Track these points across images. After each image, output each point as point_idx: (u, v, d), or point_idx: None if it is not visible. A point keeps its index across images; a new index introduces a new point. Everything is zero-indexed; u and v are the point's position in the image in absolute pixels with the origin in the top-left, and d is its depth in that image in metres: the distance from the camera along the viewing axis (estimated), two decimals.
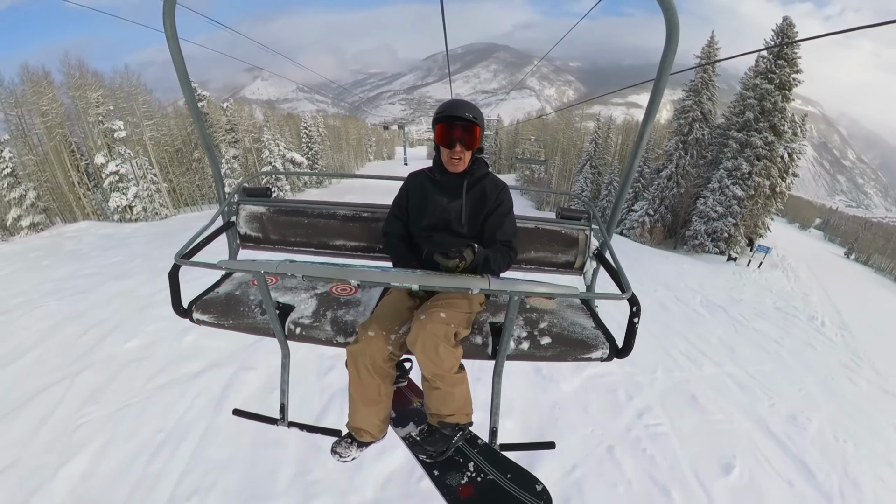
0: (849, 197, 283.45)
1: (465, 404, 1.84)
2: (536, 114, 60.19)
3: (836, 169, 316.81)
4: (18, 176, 19.36)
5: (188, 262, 1.67)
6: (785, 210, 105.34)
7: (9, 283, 10.82)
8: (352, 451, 1.87)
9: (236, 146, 27.31)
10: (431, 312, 1.74)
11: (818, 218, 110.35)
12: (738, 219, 21.41)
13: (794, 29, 19.32)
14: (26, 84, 19.93)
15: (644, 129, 1.72)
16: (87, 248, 14.88)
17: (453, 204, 1.99)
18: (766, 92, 19.99)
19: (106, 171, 20.01)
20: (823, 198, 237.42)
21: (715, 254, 22.02)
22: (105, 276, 11.17)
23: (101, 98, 20.36)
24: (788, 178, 21.81)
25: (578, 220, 2.43)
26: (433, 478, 1.90)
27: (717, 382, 8.29)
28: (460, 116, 1.84)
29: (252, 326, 1.98)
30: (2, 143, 18.78)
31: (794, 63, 19.74)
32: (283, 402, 2.07)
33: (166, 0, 1.56)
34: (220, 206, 2.31)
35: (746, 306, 14.67)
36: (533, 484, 1.86)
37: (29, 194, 19.33)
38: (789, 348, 11.50)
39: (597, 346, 1.92)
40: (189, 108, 1.95)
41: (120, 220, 20.32)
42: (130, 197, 19.98)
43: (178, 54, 1.70)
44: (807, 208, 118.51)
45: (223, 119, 27.16)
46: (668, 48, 1.43)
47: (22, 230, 19.00)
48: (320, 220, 2.46)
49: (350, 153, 52.38)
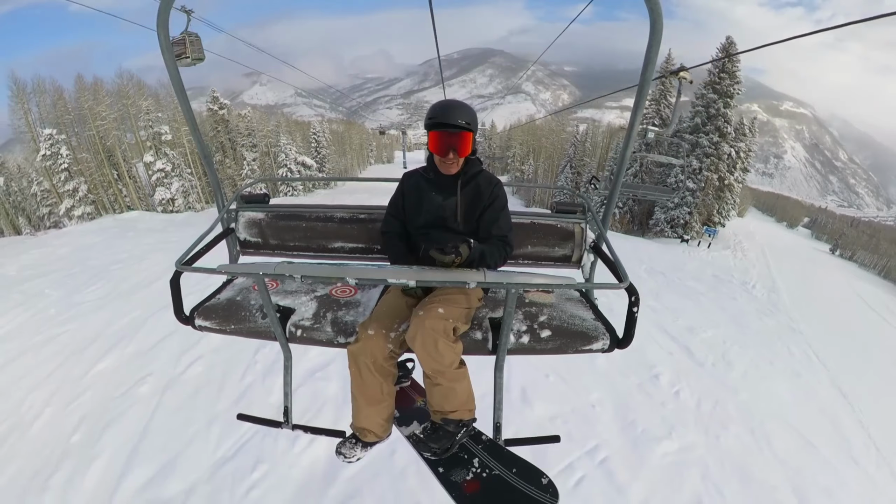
0: (840, 197, 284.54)
1: (467, 400, 1.84)
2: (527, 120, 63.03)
3: (827, 170, 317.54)
4: (73, 171, 22.74)
5: (189, 268, 1.68)
6: (773, 209, 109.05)
7: (108, 246, 14.03)
8: (356, 452, 1.87)
9: (254, 150, 30.72)
10: (429, 308, 1.75)
11: (806, 217, 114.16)
12: (693, 208, 24.91)
13: (734, 46, 22.85)
14: (82, 92, 23.49)
15: (634, 119, 1.85)
16: (160, 226, 18.34)
17: (448, 201, 2.00)
18: (711, 100, 23.53)
19: (154, 168, 23.59)
20: (815, 198, 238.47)
21: (673, 237, 25.53)
22: (188, 242, 14.44)
23: (151, 106, 23.98)
24: (737, 172, 25.23)
25: (573, 213, 2.45)
26: (438, 475, 1.90)
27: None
28: (453, 124, 1.83)
29: (253, 331, 2.01)
30: (58, 143, 22.18)
31: (734, 76, 23.29)
32: (286, 404, 2.07)
33: (160, 12, 1.59)
34: (219, 214, 2.35)
35: (686, 273, 17.04)
36: (539, 477, 1.87)
37: (81, 187, 22.81)
38: (712, 298, 13.58)
39: (597, 338, 1.92)
40: (185, 118, 1.97)
41: (163, 212, 23.82)
42: (174, 191, 23.43)
43: (173, 65, 1.74)
44: (795, 208, 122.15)
45: (241, 125, 30.61)
46: (653, 38, 1.57)
47: (73, 219, 22.45)
48: (318, 223, 2.49)
49: (353, 157, 55.93)
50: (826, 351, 11.37)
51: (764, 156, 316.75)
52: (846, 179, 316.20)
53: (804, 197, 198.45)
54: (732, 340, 9.69)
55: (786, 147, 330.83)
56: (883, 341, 15.86)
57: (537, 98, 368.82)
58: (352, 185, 37.47)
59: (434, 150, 1.91)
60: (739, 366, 8.53)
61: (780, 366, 9.44)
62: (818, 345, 11.74)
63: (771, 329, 12.22)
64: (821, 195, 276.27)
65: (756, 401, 7.31)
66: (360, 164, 60.41)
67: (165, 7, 1.58)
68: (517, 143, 48.50)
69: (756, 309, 14.11)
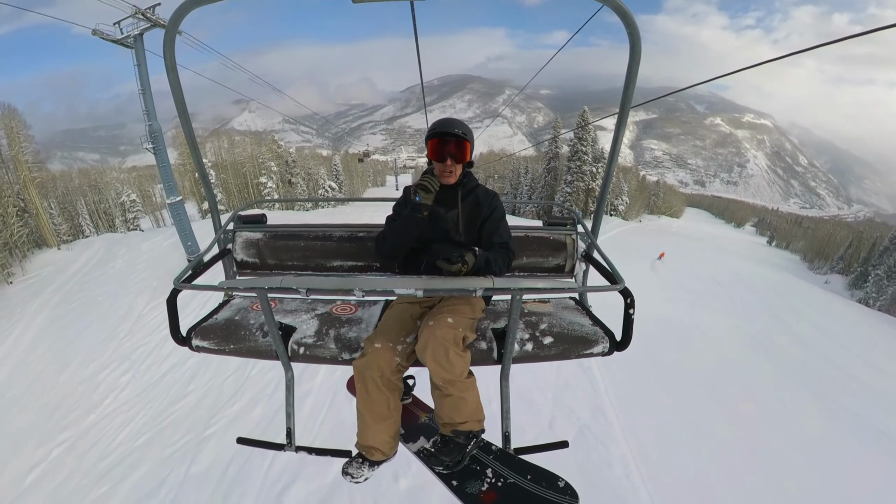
0: (803, 199, 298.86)
1: (476, 410, 1.85)
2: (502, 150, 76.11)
3: (789, 175, 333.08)
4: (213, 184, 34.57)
5: (189, 286, 1.68)
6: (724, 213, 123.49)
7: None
8: (364, 471, 1.83)
9: (298, 177, 42.38)
10: (439, 318, 1.80)
11: (754, 217, 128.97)
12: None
13: (589, 118, 37.12)
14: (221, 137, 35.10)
15: (617, 134, 1.99)
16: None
17: (450, 213, 2.07)
18: (577, 143, 38.57)
19: (266, 187, 35.59)
20: (778, 202, 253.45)
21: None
22: None
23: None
24: (598, 180, 38.68)
25: (564, 225, 2.55)
26: (452, 488, 1.88)
27: None
28: (451, 133, 1.95)
29: (254, 350, 1.99)
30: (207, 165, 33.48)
31: (584, 139, 38.24)
32: (288, 426, 2.03)
33: (167, 31, 1.62)
34: (215, 235, 2.35)
35: None
36: (555, 481, 1.87)
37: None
38: None
39: (597, 342, 1.98)
40: (185, 137, 2.01)
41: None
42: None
43: (176, 85, 1.76)
44: (743, 210, 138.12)
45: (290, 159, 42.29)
46: (632, 59, 1.64)
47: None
48: (316, 243, 2.49)
49: (358, 180, 67.95)
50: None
51: (728, 166, 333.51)
52: (807, 183, 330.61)
53: (768, 202, 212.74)
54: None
55: (748, 156, 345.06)
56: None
57: (514, 121, 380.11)
58: (360, 204, 47.05)
59: (433, 157, 2.00)
60: None
61: None
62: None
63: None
64: (783, 199, 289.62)
65: None
66: (362, 186, 72.45)
67: (172, 27, 1.61)
68: (480, 167, 61.18)
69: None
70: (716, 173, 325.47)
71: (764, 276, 27.94)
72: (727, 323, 14.48)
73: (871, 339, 18.01)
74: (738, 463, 6.85)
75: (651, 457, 6.27)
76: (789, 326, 16.13)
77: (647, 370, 8.70)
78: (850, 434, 8.81)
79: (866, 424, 9.33)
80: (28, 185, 28.14)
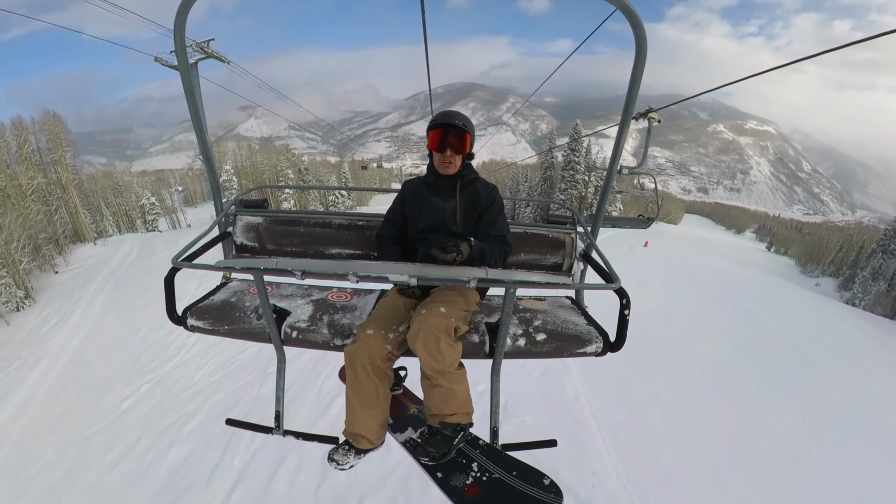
0: (807, 205, 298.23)
1: (465, 403, 1.84)
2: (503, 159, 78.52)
3: (792, 181, 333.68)
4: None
5: (186, 264, 1.69)
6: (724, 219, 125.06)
7: None
8: (349, 459, 1.82)
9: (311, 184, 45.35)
10: (432, 307, 1.80)
11: (755, 224, 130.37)
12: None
13: (582, 131, 39.23)
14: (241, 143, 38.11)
15: (620, 136, 2.00)
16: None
17: (448, 203, 2.07)
18: (570, 154, 40.75)
19: (283, 193, 38.73)
20: (781, 208, 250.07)
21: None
22: None
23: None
24: (592, 187, 40.93)
25: (564, 224, 2.56)
26: (437, 480, 1.89)
27: None
28: (452, 124, 1.96)
29: (247, 332, 2.02)
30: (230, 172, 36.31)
31: (576, 149, 40.48)
32: (277, 409, 2.03)
33: (178, 13, 1.60)
34: (217, 217, 2.38)
35: None
36: (540, 479, 1.87)
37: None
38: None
39: (591, 341, 1.97)
40: (191, 118, 2.03)
41: None
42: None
43: (185, 65, 1.81)
44: (744, 216, 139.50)
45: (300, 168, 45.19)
46: (638, 60, 1.64)
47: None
48: (316, 229, 2.50)
49: (367, 183, 71.58)
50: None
51: (731, 173, 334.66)
52: (811, 189, 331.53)
53: (771, 208, 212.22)
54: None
55: (751, 163, 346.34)
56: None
57: (517, 129, 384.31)
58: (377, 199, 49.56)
59: (433, 147, 2.01)
60: None
61: None
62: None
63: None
64: (787, 205, 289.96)
65: None
66: (368, 193, 75.77)
67: (184, 9, 1.59)
68: (482, 175, 64.40)
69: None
70: (719, 180, 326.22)
71: (742, 275, 29.82)
72: (691, 310, 16.56)
73: (827, 323, 20.12)
74: (680, 407, 8.64)
75: (600, 396, 8.15)
76: (750, 313, 18.23)
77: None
78: (777, 388, 10.60)
79: (797, 384, 11.08)
80: (69, 185, 30.96)
